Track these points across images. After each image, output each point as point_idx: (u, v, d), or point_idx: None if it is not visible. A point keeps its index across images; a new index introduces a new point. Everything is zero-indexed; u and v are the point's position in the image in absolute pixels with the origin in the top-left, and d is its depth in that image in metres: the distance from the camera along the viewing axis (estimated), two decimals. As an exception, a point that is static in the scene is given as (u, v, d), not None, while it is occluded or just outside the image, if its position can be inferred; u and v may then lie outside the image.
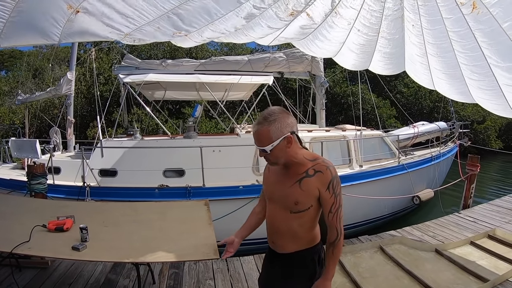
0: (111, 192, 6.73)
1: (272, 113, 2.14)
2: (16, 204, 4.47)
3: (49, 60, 21.17)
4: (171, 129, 15.29)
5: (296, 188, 2.20)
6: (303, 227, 2.28)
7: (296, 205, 2.21)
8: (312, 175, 2.17)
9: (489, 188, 15.02)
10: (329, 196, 2.16)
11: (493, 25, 4.26)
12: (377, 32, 5.04)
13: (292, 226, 2.27)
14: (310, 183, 2.17)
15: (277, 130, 2.11)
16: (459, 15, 4.45)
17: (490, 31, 4.35)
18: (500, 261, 5.48)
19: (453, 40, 4.78)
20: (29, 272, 4.77)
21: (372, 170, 8.46)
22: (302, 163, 2.22)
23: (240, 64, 9.46)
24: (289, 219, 2.26)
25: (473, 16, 4.35)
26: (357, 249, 5.81)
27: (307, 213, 2.23)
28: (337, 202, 2.18)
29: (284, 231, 2.31)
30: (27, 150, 7.80)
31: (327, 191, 2.16)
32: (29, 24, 3.35)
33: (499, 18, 4.17)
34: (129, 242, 3.26)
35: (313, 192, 2.17)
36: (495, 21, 4.20)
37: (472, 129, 22.10)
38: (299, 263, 2.35)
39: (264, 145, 2.13)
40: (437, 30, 4.83)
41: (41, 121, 16.80)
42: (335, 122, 18.64)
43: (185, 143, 7.60)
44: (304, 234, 2.31)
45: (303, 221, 2.26)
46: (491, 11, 4.15)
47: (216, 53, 23.87)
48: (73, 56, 10.16)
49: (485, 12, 4.21)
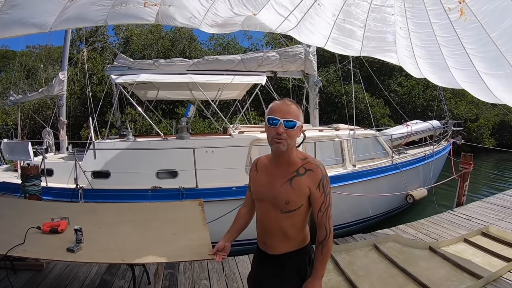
0: (104, 194, 6.70)
1: (288, 101, 2.26)
2: (10, 206, 4.44)
3: (41, 60, 21.07)
4: (165, 129, 15.24)
5: (287, 187, 2.22)
6: (294, 227, 2.30)
7: (287, 205, 2.22)
8: (303, 174, 2.21)
9: (483, 186, 15.10)
10: (319, 195, 2.20)
11: (481, 33, 4.29)
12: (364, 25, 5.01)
13: (283, 226, 2.28)
14: (301, 181, 2.20)
15: (300, 114, 2.25)
16: (446, 21, 4.47)
17: (478, 39, 4.38)
18: (493, 258, 5.53)
19: (442, 45, 4.81)
20: (24, 274, 4.75)
21: (365, 170, 8.48)
22: (294, 161, 2.26)
23: (233, 64, 9.43)
24: (280, 219, 2.27)
25: (460, 23, 4.38)
26: (351, 248, 5.84)
27: (298, 213, 2.25)
28: (326, 201, 2.22)
29: (276, 231, 2.32)
30: (19, 152, 7.74)
31: (317, 189, 2.19)
32: (21, 15, 3.35)
33: (487, 26, 4.20)
34: (124, 243, 3.25)
35: (304, 191, 2.20)
36: (483, 29, 4.23)
37: (465, 128, 22.23)
38: (290, 263, 2.36)
39: (295, 118, 2.19)
40: (424, 34, 4.85)
41: (34, 122, 16.68)
42: (329, 121, 18.64)
43: (178, 144, 7.56)
44: (295, 235, 2.32)
45: (294, 221, 2.28)
46: (479, 19, 4.18)
47: (209, 52, 23.82)
48: (65, 56, 10.08)
49: (473, 20, 4.24)
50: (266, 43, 25.52)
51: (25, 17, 3.39)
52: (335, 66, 19.86)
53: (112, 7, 3.64)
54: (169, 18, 3.90)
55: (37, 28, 3.45)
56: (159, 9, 3.80)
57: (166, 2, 3.82)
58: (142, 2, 3.73)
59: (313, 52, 10.11)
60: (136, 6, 3.73)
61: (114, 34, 24.18)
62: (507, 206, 8.42)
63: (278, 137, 2.17)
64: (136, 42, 22.55)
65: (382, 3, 4.69)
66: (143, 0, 3.72)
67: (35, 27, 3.45)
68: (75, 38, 21.39)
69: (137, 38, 22.64)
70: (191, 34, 23.54)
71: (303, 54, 9.91)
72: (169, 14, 3.86)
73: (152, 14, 3.81)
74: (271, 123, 2.18)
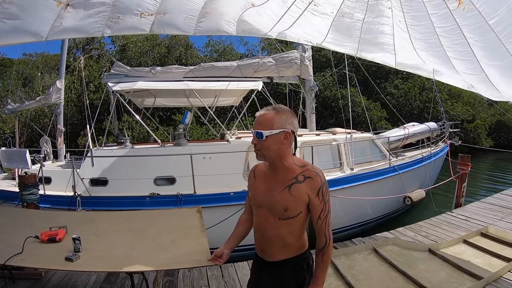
0: (102, 202, 6.70)
1: (282, 107, 2.24)
2: (8, 215, 4.44)
3: (38, 68, 21.07)
4: (162, 136, 15.23)
5: (286, 194, 2.20)
6: (293, 234, 2.28)
7: (285, 212, 2.20)
8: (302, 181, 2.19)
9: (481, 186, 15.12)
10: (318, 203, 2.19)
11: (480, 21, 4.30)
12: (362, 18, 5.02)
13: (282, 233, 2.27)
14: (300, 189, 2.18)
15: (280, 121, 2.17)
16: (445, 11, 4.48)
17: (477, 27, 4.39)
18: (493, 259, 5.54)
19: (441, 35, 4.80)
20: (23, 284, 4.72)
21: (363, 173, 8.48)
22: (292, 168, 2.24)
23: (229, 70, 9.45)
24: (278, 226, 2.26)
25: (459, 12, 4.39)
26: (350, 252, 5.83)
27: (297, 220, 2.24)
28: (326, 208, 2.21)
29: (274, 238, 2.30)
30: (17, 160, 7.72)
31: (316, 197, 2.18)
32: (17, 23, 3.36)
33: (485, 14, 4.21)
34: (123, 251, 3.25)
35: (303, 198, 2.18)
36: (482, 17, 4.24)
37: (462, 128, 22.24)
38: (289, 270, 2.35)
39: (264, 129, 2.17)
40: (423, 26, 4.85)
41: (32, 130, 16.69)
42: (326, 126, 18.65)
43: (176, 151, 7.56)
44: (293, 242, 2.31)
45: (292, 228, 2.26)
46: (477, 7, 4.19)
47: (205, 59, 23.84)
48: (62, 64, 10.07)
49: (471, 8, 4.25)
50: (261, 48, 25.59)
51: (21, 25, 3.40)
52: (331, 71, 19.94)
53: (108, 20, 3.65)
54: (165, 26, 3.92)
55: (33, 37, 3.46)
56: (155, 18, 3.82)
57: (161, 11, 3.83)
58: (139, 14, 3.74)
59: (309, 57, 10.14)
60: (132, 18, 3.74)
61: (110, 42, 24.20)
62: (506, 206, 8.43)
63: (254, 148, 2.24)
64: (132, 50, 22.57)
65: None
66: (139, 11, 3.73)
67: (31, 36, 3.46)
68: (71, 46, 21.36)
69: (133, 46, 22.66)
70: (187, 41, 23.58)
71: (299, 59, 9.93)
72: (165, 22, 3.88)
73: (148, 25, 3.82)
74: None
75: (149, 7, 3.79)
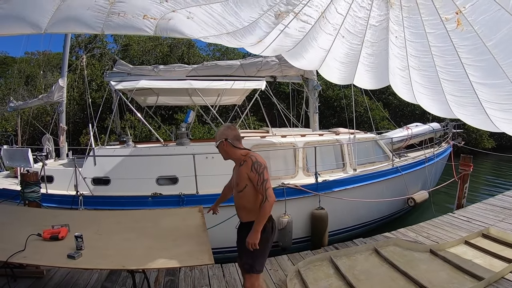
0: (104, 201, 6.67)
1: (222, 127, 3.57)
2: (10, 213, 4.45)
3: (41, 67, 21.08)
4: (164, 135, 15.23)
5: (236, 175, 3.44)
6: (248, 202, 3.34)
7: (237, 186, 3.37)
8: (242, 164, 3.33)
9: (483, 187, 15.07)
10: (254, 175, 3.23)
11: (477, 42, 4.33)
12: (362, 42, 5.10)
13: (242, 202, 3.40)
14: (241, 170, 3.32)
15: (219, 135, 3.47)
16: (442, 31, 4.52)
17: (474, 48, 4.42)
18: (494, 259, 5.54)
19: (435, 55, 4.85)
20: (25, 282, 4.75)
21: (366, 174, 8.45)
22: (238, 158, 3.43)
23: (233, 69, 9.41)
24: (238, 197, 3.41)
25: (457, 33, 4.41)
26: (351, 252, 5.84)
27: (246, 192, 3.31)
28: (261, 178, 3.21)
29: (239, 206, 3.47)
30: (19, 159, 7.72)
31: (251, 172, 3.23)
32: (15, 13, 3.34)
33: (483, 36, 4.23)
34: (124, 250, 3.26)
35: (244, 176, 3.28)
36: (480, 39, 4.27)
37: (465, 129, 22.19)
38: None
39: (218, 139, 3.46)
40: (419, 44, 4.92)
41: (34, 128, 16.69)
42: (329, 125, 18.63)
43: (178, 150, 7.53)
44: (251, 207, 3.34)
45: (247, 197, 3.33)
46: (476, 29, 4.22)
47: (208, 58, 23.84)
48: (65, 62, 10.09)
49: (469, 30, 4.28)
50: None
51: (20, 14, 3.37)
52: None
53: (108, 15, 3.62)
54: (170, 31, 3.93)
55: (32, 28, 3.44)
56: (158, 22, 3.81)
57: (166, 17, 3.82)
58: (142, 15, 3.73)
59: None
60: (135, 17, 3.73)
61: (113, 41, 24.22)
62: (507, 207, 8.43)
63: None
64: (134, 48, 22.59)
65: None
66: (142, 12, 3.72)
67: (30, 27, 3.43)
68: (74, 45, 21.36)
69: (135, 44, 22.67)
70: (189, 40, 23.55)
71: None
72: (169, 27, 3.88)
73: (150, 27, 3.82)
74: None
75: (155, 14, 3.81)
